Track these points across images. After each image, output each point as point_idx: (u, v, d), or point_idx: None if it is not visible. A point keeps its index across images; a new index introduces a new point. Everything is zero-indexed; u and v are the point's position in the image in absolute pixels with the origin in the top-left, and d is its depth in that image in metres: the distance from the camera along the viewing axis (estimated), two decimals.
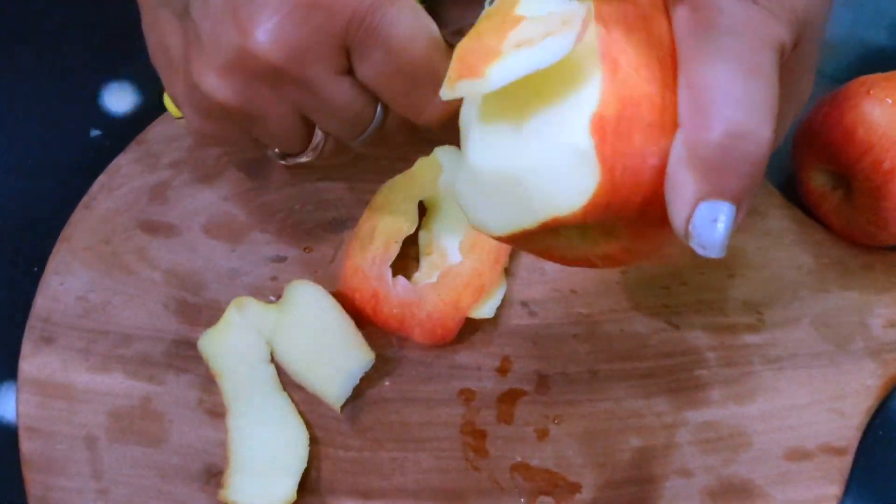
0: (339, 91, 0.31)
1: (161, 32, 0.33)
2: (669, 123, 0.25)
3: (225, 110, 0.32)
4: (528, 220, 0.26)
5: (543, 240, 0.29)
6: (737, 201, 0.25)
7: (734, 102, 0.24)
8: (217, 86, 0.31)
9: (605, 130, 0.25)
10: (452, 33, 0.31)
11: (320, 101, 0.32)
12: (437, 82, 0.30)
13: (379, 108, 0.34)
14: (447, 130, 0.44)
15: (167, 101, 0.40)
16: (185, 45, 0.32)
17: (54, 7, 0.49)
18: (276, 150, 0.38)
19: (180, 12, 0.32)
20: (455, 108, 0.29)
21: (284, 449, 0.38)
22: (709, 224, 0.25)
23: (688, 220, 0.25)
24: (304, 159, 0.37)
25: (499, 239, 0.28)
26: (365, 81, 0.31)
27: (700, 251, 0.25)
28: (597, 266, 0.30)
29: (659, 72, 0.26)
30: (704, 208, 0.25)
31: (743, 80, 0.25)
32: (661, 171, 0.25)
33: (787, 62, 0.28)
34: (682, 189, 0.25)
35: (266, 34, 0.29)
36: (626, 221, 0.27)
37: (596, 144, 0.25)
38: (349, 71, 0.31)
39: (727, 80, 0.25)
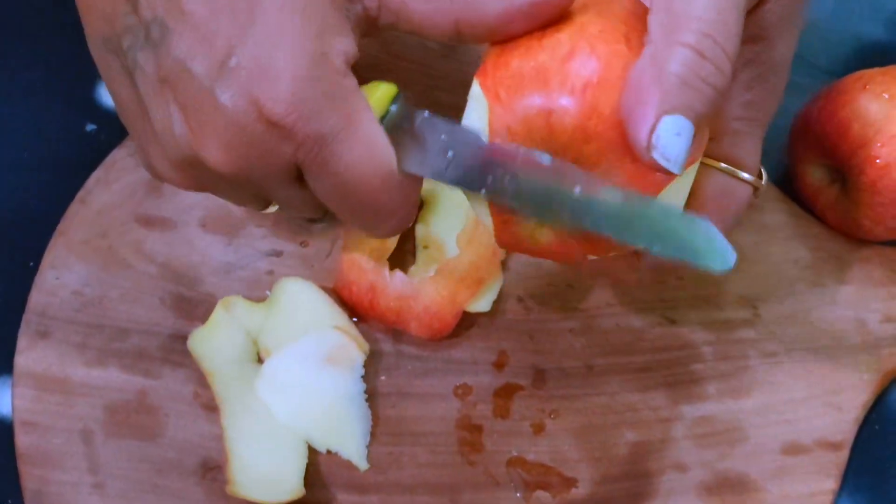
0: (290, 195, 0.31)
1: (115, 90, 0.31)
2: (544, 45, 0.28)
3: (177, 187, 0.31)
4: None
5: (510, 228, 0.31)
6: (696, 123, 0.26)
7: (706, 26, 0.26)
8: (170, 175, 0.30)
9: (486, 71, 0.29)
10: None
11: (272, 197, 0.31)
12: (387, 213, 0.30)
13: None
14: None
15: None
16: (138, 114, 0.30)
17: (49, 1, 0.49)
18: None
19: (129, 67, 0.29)
20: (404, 226, 0.31)
21: (284, 445, 0.38)
22: (673, 137, 0.26)
23: (651, 131, 0.26)
24: (268, 211, 0.36)
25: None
26: (315, 194, 0.30)
27: (664, 163, 0.26)
28: (556, 259, 0.32)
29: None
30: (668, 121, 0.26)
31: (716, 11, 0.26)
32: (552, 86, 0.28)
33: (761, 55, 0.29)
34: (646, 102, 0.26)
35: (216, 150, 0.28)
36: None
37: (480, 83, 0.29)
38: (302, 178, 0.30)
39: (702, 9, 0.26)
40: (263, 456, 0.37)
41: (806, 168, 0.44)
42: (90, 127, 0.46)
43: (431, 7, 0.28)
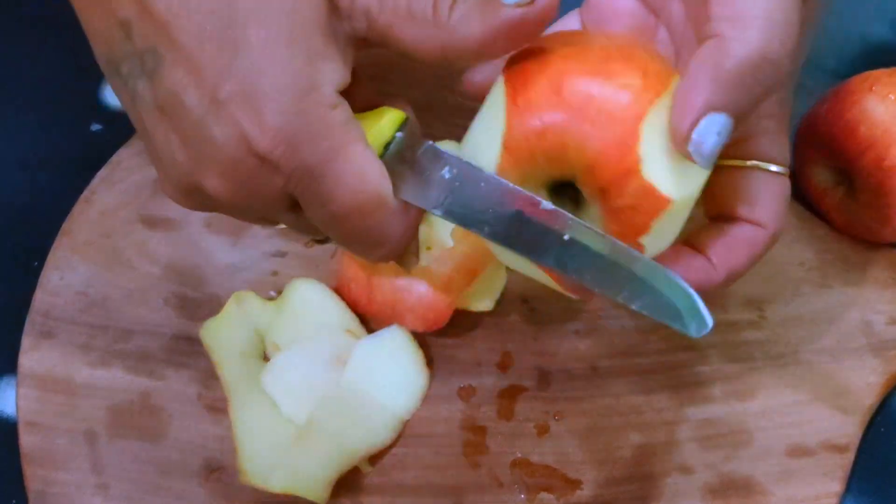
0: (291, 220, 0.31)
1: (123, 102, 0.30)
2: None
3: (189, 209, 0.32)
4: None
5: None
6: (737, 121, 0.27)
7: (773, 27, 0.26)
8: (176, 198, 0.31)
9: (512, 78, 0.30)
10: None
11: (276, 220, 0.32)
12: (381, 241, 0.30)
13: None
14: (451, 127, 0.45)
15: None
16: (143, 135, 0.30)
17: (55, 1, 0.49)
18: None
19: (130, 92, 0.29)
20: (400, 252, 0.31)
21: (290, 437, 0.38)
22: (712, 135, 0.27)
23: (693, 126, 0.26)
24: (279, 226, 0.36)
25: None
26: (312, 221, 0.31)
27: (696, 158, 0.27)
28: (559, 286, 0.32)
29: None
30: (712, 119, 0.26)
31: (781, 10, 0.26)
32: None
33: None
34: (697, 94, 0.26)
35: (214, 179, 0.28)
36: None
37: (505, 84, 0.29)
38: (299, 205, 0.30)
39: (767, 7, 0.26)
40: (271, 446, 0.37)
41: (812, 169, 0.44)
42: (95, 127, 0.46)
43: (418, 33, 0.28)
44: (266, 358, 0.40)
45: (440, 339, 0.41)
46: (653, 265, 0.28)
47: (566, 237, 0.28)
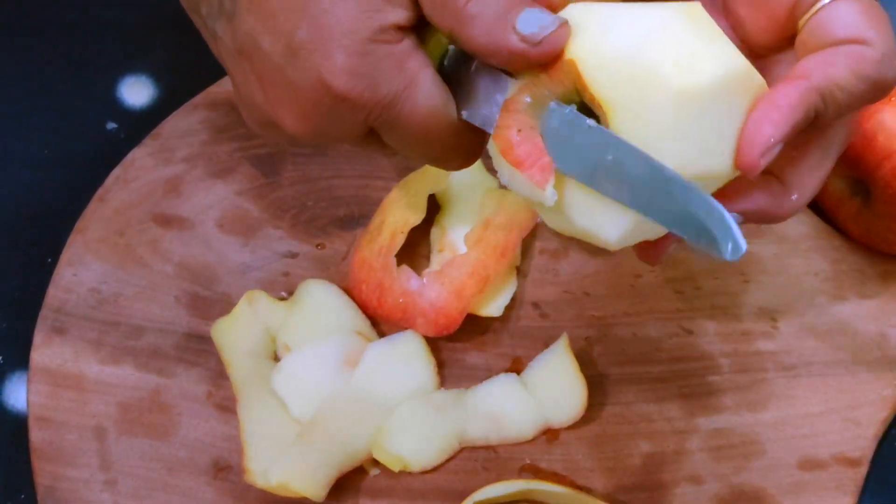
0: (363, 144, 0.33)
1: (205, 38, 0.33)
2: None
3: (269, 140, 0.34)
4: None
5: None
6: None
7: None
8: (254, 128, 0.33)
9: None
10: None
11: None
12: (453, 154, 0.32)
13: None
14: None
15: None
16: (225, 67, 0.33)
17: (72, 1, 0.50)
18: None
19: (210, 33, 0.32)
20: (472, 161, 0.32)
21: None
22: (771, 155, 0.28)
23: (763, 155, 0.28)
24: None
25: None
26: (389, 144, 0.33)
27: (748, 172, 0.28)
28: None
29: None
30: (771, 152, 0.28)
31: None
32: None
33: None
34: (762, 130, 0.28)
35: (292, 119, 0.30)
36: None
37: None
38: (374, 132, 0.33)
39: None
40: (278, 446, 0.37)
41: (828, 180, 0.44)
42: (111, 125, 0.46)
43: (436, 5, 0.29)
44: (276, 358, 0.40)
45: (450, 343, 0.41)
46: (690, 187, 0.28)
47: (609, 158, 0.28)
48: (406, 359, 0.39)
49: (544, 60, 0.28)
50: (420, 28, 0.30)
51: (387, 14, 0.29)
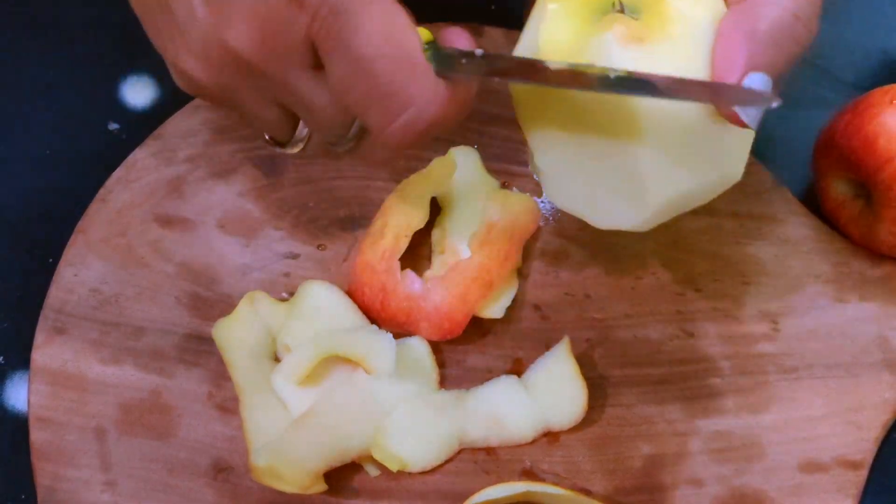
0: (312, 92, 0.30)
1: None
2: None
3: (205, 90, 0.31)
4: None
5: None
6: (775, 79, 0.28)
7: None
8: (194, 68, 0.30)
9: None
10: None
11: (295, 97, 0.31)
12: (405, 101, 0.28)
13: (356, 121, 0.33)
14: (464, 130, 0.45)
15: None
16: (159, 9, 0.30)
17: (74, 0, 0.50)
18: (267, 137, 0.37)
19: None
20: (419, 135, 0.29)
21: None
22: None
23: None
24: (290, 150, 0.36)
25: None
26: (331, 86, 0.29)
27: (743, 117, 0.28)
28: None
29: None
30: (753, 78, 0.27)
31: None
32: None
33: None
34: (735, 58, 0.27)
35: (238, 27, 0.28)
36: None
37: None
38: (319, 67, 0.30)
39: None
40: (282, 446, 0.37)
41: (830, 182, 0.44)
42: (113, 126, 0.46)
43: None
44: (277, 359, 0.40)
45: (450, 344, 0.41)
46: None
47: (612, 76, 0.28)
48: (410, 365, 0.39)
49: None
50: None
51: None
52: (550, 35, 0.31)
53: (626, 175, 0.32)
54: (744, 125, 0.29)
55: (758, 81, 0.28)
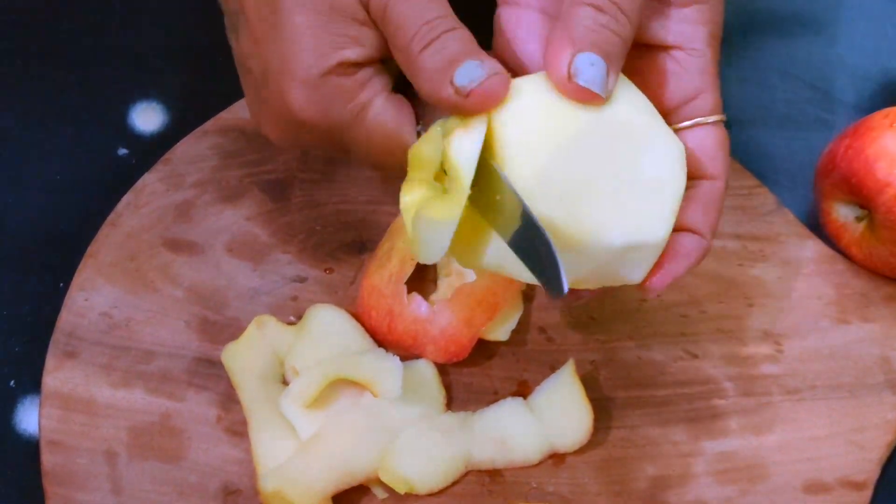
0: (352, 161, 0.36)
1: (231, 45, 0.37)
2: None
3: (294, 148, 0.38)
4: None
5: None
6: (607, 60, 0.30)
7: None
8: (272, 133, 0.35)
9: None
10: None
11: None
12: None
13: None
14: None
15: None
16: (244, 78, 0.36)
17: (85, 27, 0.50)
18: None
19: (230, 39, 0.36)
20: None
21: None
22: (587, 66, 0.30)
23: (569, 66, 0.30)
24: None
25: None
26: None
27: (588, 86, 0.30)
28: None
29: None
30: (581, 56, 0.30)
31: None
32: None
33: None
34: (560, 49, 0.30)
35: (269, 130, 0.35)
36: None
37: None
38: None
39: None
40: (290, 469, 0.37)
41: (832, 204, 0.44)
42: (122, 151, 0.47)
43: (395, 51, 0.32)
44: (285, 382, 0.40)
45: (456, 367, 0.41)
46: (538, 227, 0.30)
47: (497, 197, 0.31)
48: (416, 389, 0.39)
49: (477, 110, 0.31)
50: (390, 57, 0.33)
51: (344, 51, 0.32)
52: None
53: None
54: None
55: (589, 58, 0.30)
